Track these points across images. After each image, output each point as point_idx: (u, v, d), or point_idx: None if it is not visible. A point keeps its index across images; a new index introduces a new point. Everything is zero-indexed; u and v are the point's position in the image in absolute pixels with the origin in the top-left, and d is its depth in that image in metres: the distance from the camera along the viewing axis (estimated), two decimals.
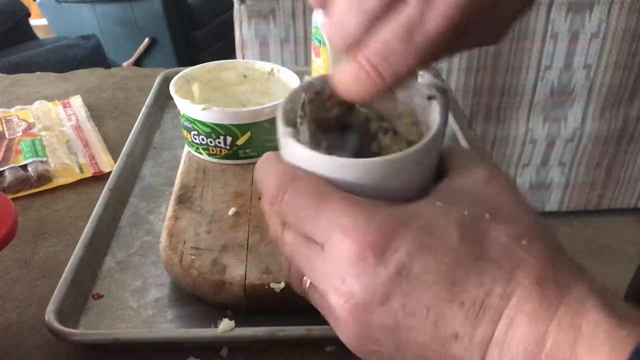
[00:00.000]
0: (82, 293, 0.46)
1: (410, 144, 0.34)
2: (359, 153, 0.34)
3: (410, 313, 0.26)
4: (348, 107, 0.35)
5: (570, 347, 0.23)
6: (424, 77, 0.36)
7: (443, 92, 0.34)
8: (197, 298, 0.45)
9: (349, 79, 0.28)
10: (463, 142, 0.64)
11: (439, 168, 0.32)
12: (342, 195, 0.28)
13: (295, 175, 0.29)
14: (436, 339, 0.26)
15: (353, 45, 0.27)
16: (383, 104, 0.35)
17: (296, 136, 0.30)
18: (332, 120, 0.36)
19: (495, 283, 0.25)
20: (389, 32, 0.26)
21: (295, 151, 0.30)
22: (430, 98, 0.33)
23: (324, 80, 0.34)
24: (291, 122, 0.33)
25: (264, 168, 0.31)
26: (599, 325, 0.23)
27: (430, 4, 0.25)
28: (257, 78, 0.63)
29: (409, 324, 0.26)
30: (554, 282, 0.25)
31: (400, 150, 0.30)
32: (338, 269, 0.27)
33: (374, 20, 0.26)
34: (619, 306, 0.24)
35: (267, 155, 0.32)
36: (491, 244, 0.26)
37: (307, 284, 0.31)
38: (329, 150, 0.32)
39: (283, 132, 0.31)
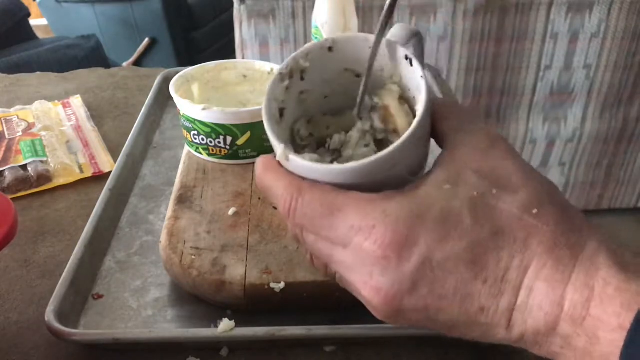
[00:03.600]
0: (82, 293, 0.46)
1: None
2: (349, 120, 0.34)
3: (438, 297, 0.28)
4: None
5: (585, 306, 0.25)
6: (394, 27, 0.33)
7: (417, 38, 0.33)
8: (197, 298, 0.45)
9: None
10: None
11: (432, 122, 0.32)
12: (352, 196, 0.29)
13: (301, 187, 0.30)
14: (464, 314, 0.28)
15: None
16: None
17: (292, 150, 0.31)
18: (319, 100, 0.35)
19: (512, 257, 0.27)
20: None
21: (296, 165, 0.30)
22: (407, 58, 0.31)
23: (295, 59, 0.34)
24: (275, 120, 0.33)
25: (267, 177, 0.32)
26: (609, 282, 0.25)
27: None
28: (257, 78, 0.63)
29: (438, 305, 0.28)
30: (567, 245, 0.26)
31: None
32: (364, 266, 0.28)
33: None
34: (628, 259, 0.26)
35: (265, 162, 0.32)
36: (504, 219, 0.27)
37: (334, 271, 0.32)
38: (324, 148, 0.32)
39: (279, 149, 0.31)
